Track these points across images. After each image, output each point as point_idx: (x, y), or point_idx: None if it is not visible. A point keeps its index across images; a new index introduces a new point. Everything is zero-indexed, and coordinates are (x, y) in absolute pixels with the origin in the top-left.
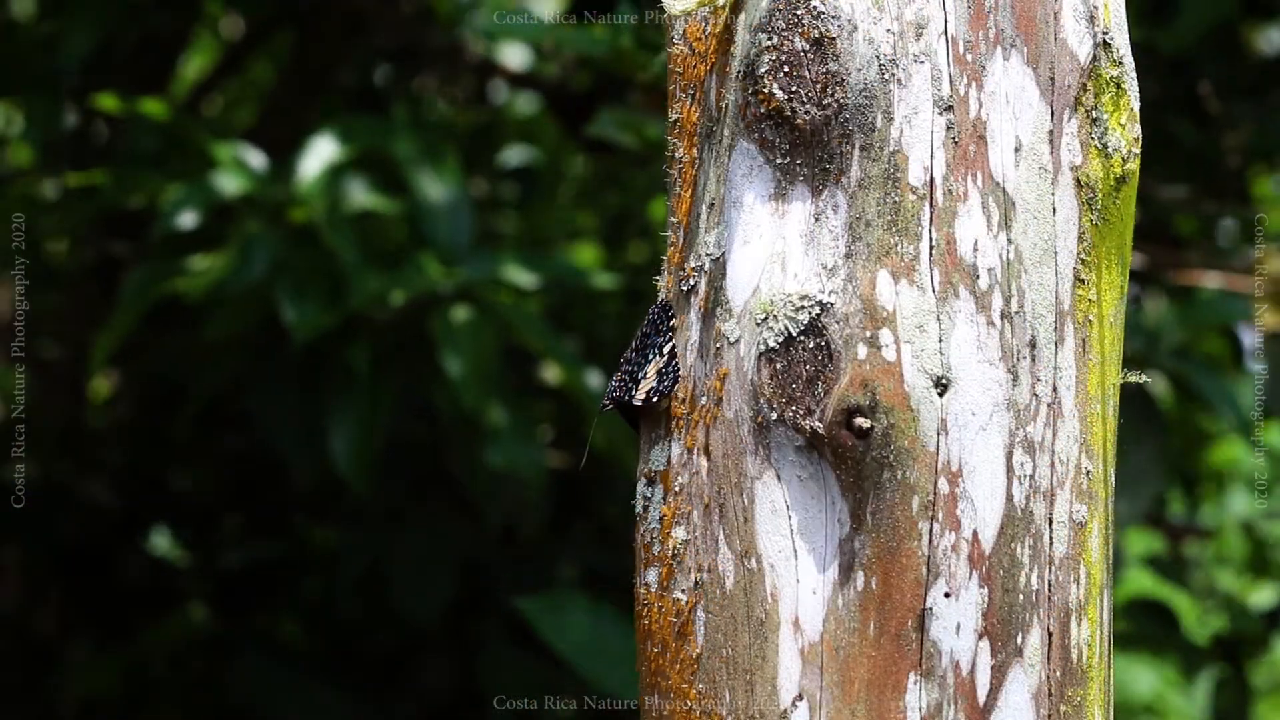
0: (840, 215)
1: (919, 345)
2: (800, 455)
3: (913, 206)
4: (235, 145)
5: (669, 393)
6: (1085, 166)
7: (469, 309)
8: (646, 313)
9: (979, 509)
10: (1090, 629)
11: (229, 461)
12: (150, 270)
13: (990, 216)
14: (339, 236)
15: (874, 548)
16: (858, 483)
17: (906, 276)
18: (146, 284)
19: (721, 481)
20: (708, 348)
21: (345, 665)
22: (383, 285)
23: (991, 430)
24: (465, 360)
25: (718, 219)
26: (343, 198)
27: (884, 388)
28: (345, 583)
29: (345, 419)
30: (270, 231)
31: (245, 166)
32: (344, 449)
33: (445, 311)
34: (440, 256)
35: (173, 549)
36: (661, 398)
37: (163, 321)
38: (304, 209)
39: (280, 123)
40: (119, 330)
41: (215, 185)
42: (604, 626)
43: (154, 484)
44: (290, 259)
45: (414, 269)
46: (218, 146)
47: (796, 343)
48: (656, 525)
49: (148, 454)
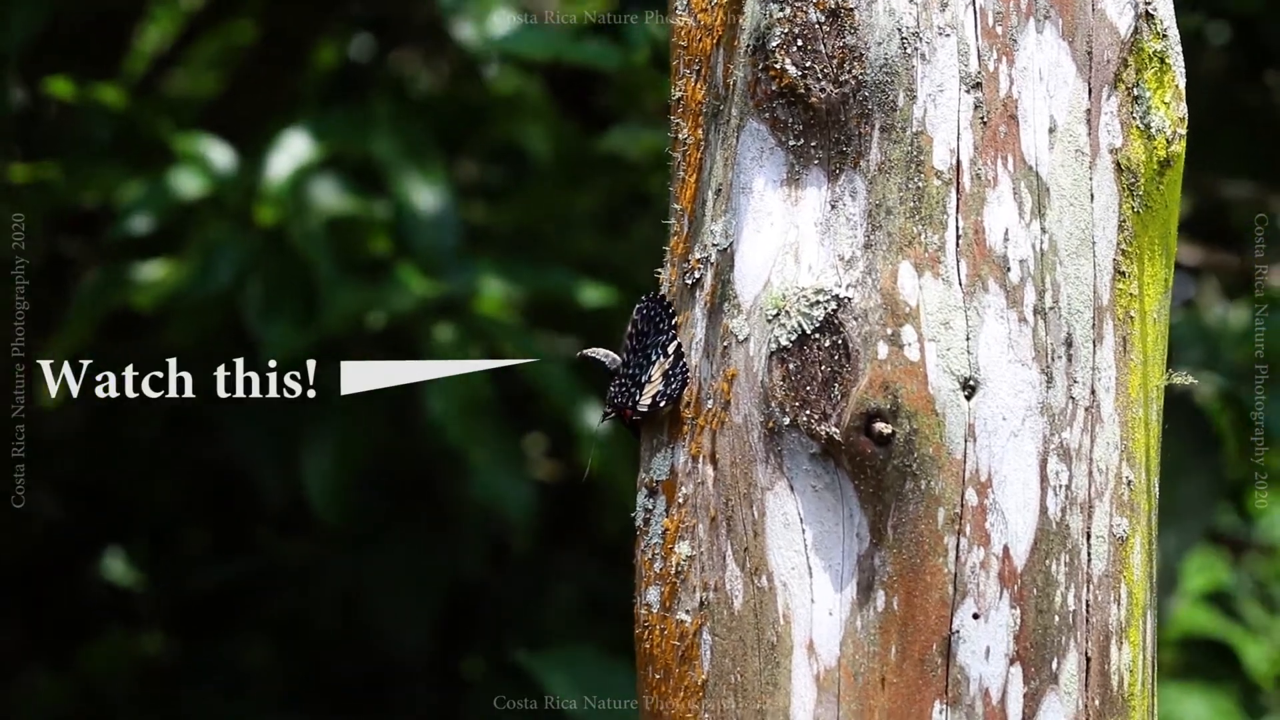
0: (859, 202)
1: (944, 343)
2: (815, 464)
3: (937, 192)
4: (197, 138)
5: (677, 396)
6: (1126, 149)
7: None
8: (635, 309)
9: (1010, 522)
10: (1132, 653)
11: (193, 472)
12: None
13: (1022, 203)
14: (312, 245)
15: (896, 565)
16: (878, 494)
17: (931, 269)
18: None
19: (729, 492)
20: (714, 347)
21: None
22: (360, 303)
23: (1024, 436)
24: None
25: (725, 206)
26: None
27: (906, 390)
28: (319, 605)
29: (320, 444)
30: (236, 236)
31: (208, 163)
32: (317, 476)
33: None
34: (423, 266)
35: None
36: (669, 402)
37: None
38: (273, 212)
39: (249, 98)
40: (72, 339)
41: (175, 185)
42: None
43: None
44: (258, 266)
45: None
46: (178, 139)
47: (811, 341)
48: (658, 540)
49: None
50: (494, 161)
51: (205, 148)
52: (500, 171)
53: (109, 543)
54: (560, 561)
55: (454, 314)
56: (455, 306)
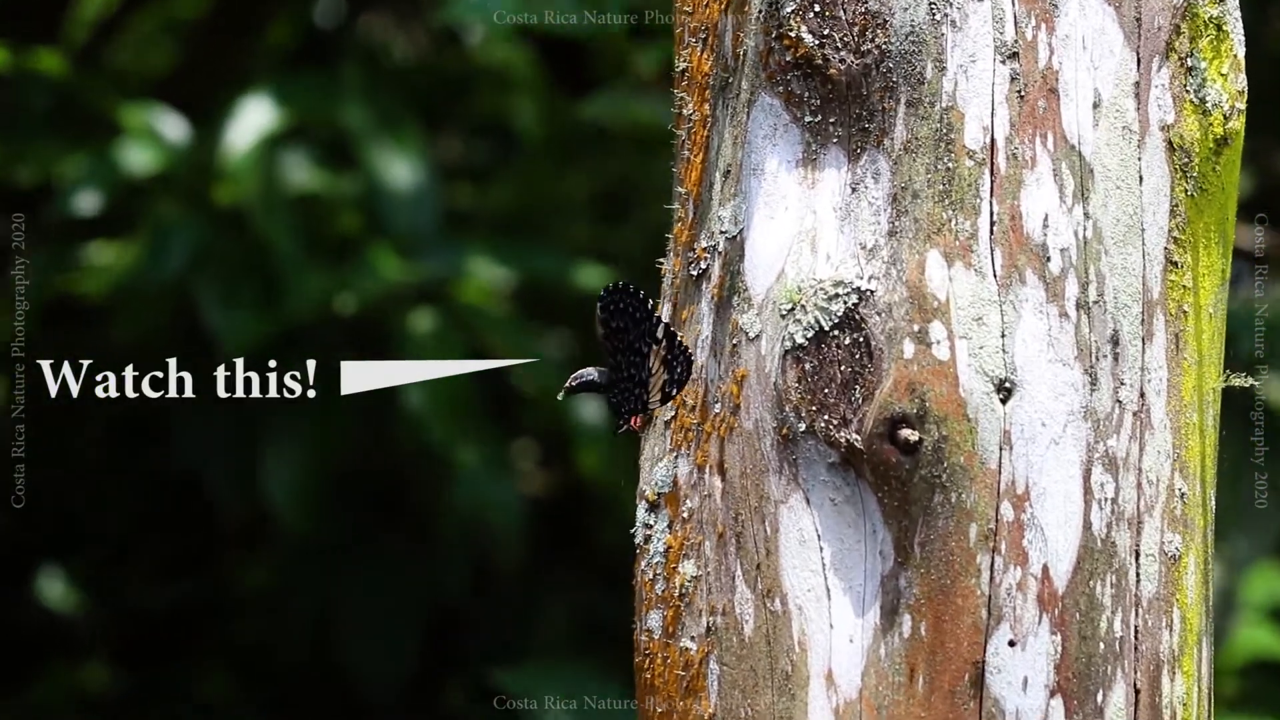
0: (882, 185)
1: (977, 341)
2: (834, 474)
3: (969, 174)
4: (147, 108)
5: (685, 380)
6: (1178, 125)
7: (433, 315)
8: (597, 307)
9: (1050, 539)
10: (1186, 684)
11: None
12: (45, 262)
13: (1063, 186)
14: (275, 224)
15: (923, 586)
16: (903, 507)
17: (962, 258)
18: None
19: (739, 506)
20: (722, 345)
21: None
22: (328, 286)
23: (1065, 444)
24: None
25: (734, 189)
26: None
27: (935, 392)
28: (285, 631)
29: (284, 446)
30: (190, 216)
31: (158, 136)
32: (281, 481)
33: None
34: (399, 248)
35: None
36: (679, 387)
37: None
38: (232, 189)
39: (204, 69)
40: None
41: (122, 160)
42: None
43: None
44: (215, 250)
45: (367, 267)
46: (125, 110)
47: (829, 338)
48: (660, 559)
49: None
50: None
51: (155, 119)
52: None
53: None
54: (552, 582)
55: (434, 300)
56: (435, 293)
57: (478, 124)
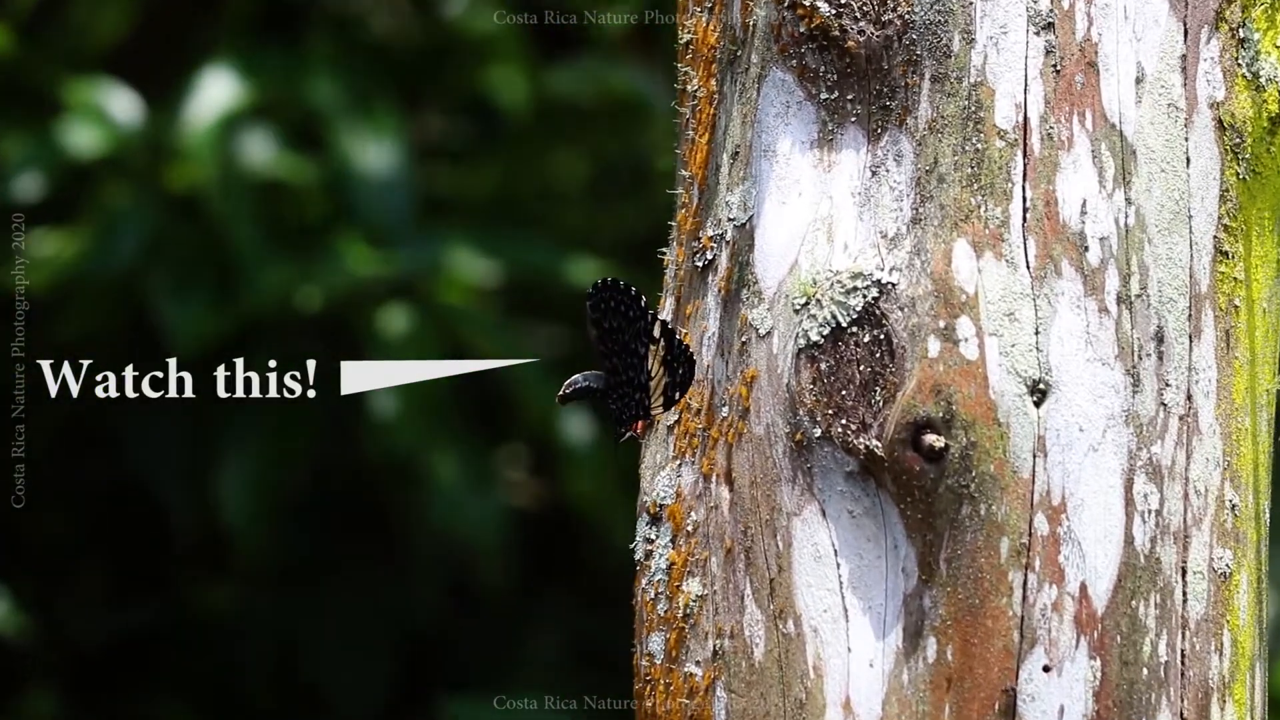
0: (905, 168)
1: (1009, 339)
2: (852, 484)
3: (1001, 156)
4: (94, 83)
5: (687, 383)
6: (1229, 103)
7: (408, 312)
8: (587, 305)
9: (1089, 555)
10: (1237, 713)
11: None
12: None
13: (1103, 169)
14: (234, 211)
15: (950, 606)
16: (928, 520)
17: (992, 248)
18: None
19: (748, 518)
20: (730, 343)
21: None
22: (291, 278)
23: (1105, 451)
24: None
25: (743, 173)
26: (240, 159)
27: (962, 394)
28: (246, 658)
29: (240, 457)
30: (141, 203)
31: (107, 114)
32: (236, 495)
33: (376, 316)
34: (370, 238)
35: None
36: (682, 391)
37: None
38: (187, 173)
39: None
40: None
41: (67, 141)
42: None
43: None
44: (168, 240)
45: (335, 258)
46: (72, 86)
47: (847, 335)
48: (663, 577)
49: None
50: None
51: (104, 96)
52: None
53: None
54: (541, 602)
55: (409, 297)
56: (410, 288)
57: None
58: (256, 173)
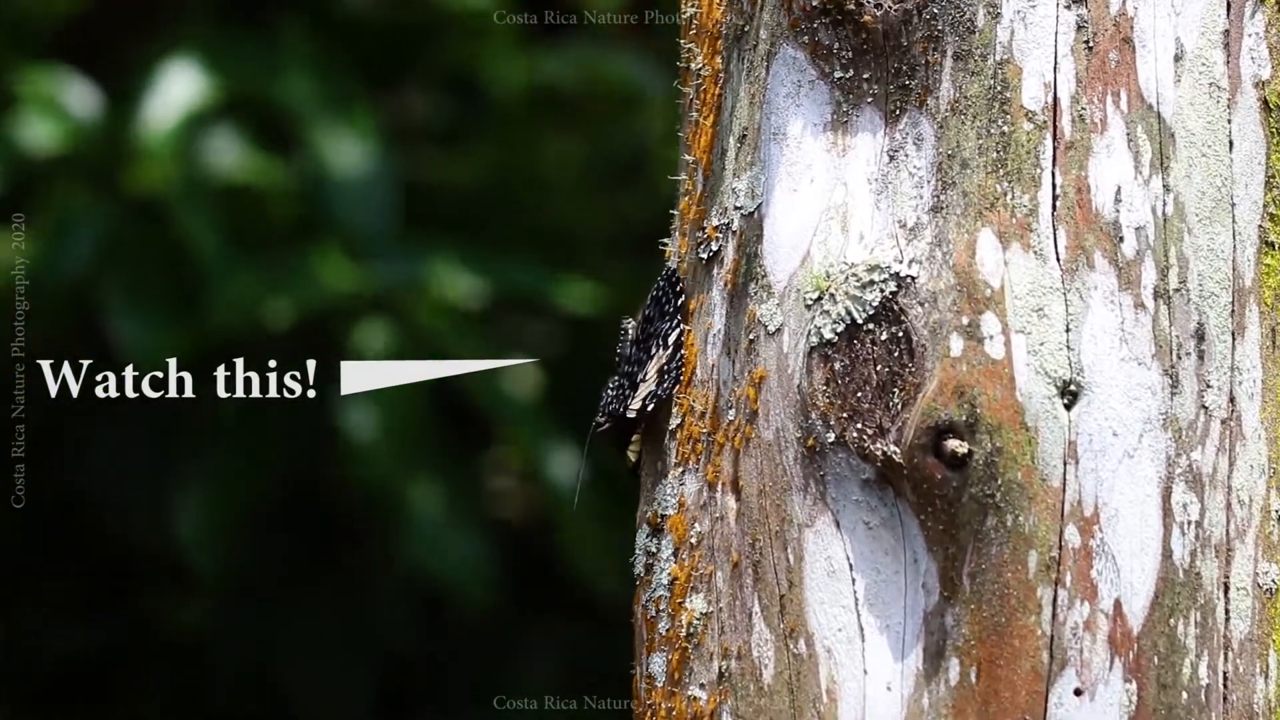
0: (925, 152)
1: (1037, 336)
2: (869, 493)
3: (1028, 139)
4: (49, 72)
5: (667, 396)
6: (1276, 81)
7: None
8: (652, 287)
9: (1123, 570)
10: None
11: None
12: None
13: (1139, 154)
14: (198, 216)
15: (974, 625)
16: (950, 532)
17: (1019, 239)
18: None
19: (757, 530)
20: (736, 340)
21: None
22: (259, 293)
23: (1141, 457)
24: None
25: (751, 157)
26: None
27: (987, 396)
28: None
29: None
30: (98, 204)
31: (63, 108)
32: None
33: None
34: (346, 248)
35: None
36: (657, 402)
37: None
38: (148, 173)
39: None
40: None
41: (19, 136)
42: None
43: None
44: (126, 246)
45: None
46: (24, 75)
47: (863, 333)
48: (664, 593)
49: None
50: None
51: (60, 87)
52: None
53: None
54: (531, 621)
55: (388, 313)
56: (389, 303)
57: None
58: (222, 175)
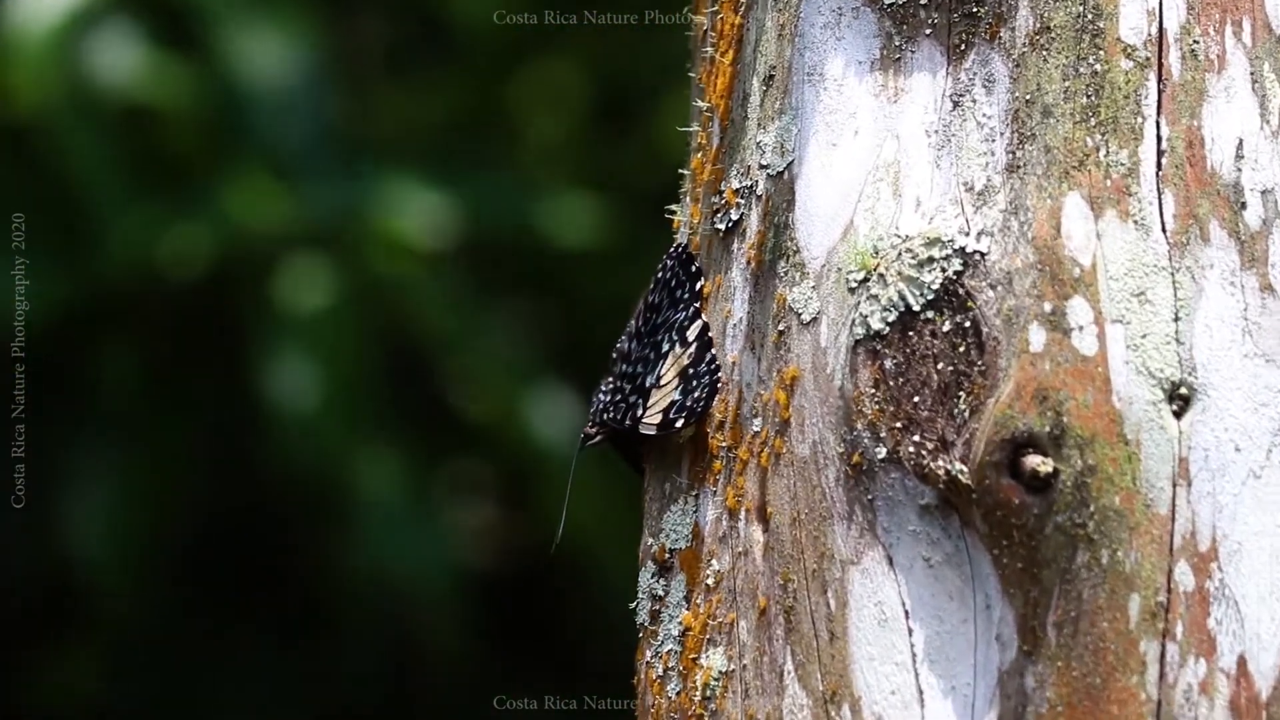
0: (997, 97)
1: (1138, 327)
2: (928, 522)
3: (1127, 81)
4: None
5: (703, 410)
6: None
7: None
8: (656, 268)
9: (1249, 619)
10: None
11: None
12: None
13: (1265, 98)
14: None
15: (1061, 687)
16: (1031, 571)
17: (1115, 205)
18: None
19: (789, 568)
20: (762, 332)
21: None
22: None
23: (1270, 477)
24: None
25: (780, 103)
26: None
27: (1077, 402)
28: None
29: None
30: None
31: None
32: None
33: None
34: (272, 175)
35: None
36: (690, 418)
37: None
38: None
39: None
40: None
41: None
42: None
43: None
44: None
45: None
46: None
47: (920, 323)
48: (674, 646)
49: None
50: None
51: None
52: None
53: None
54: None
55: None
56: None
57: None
58: (114, 87)
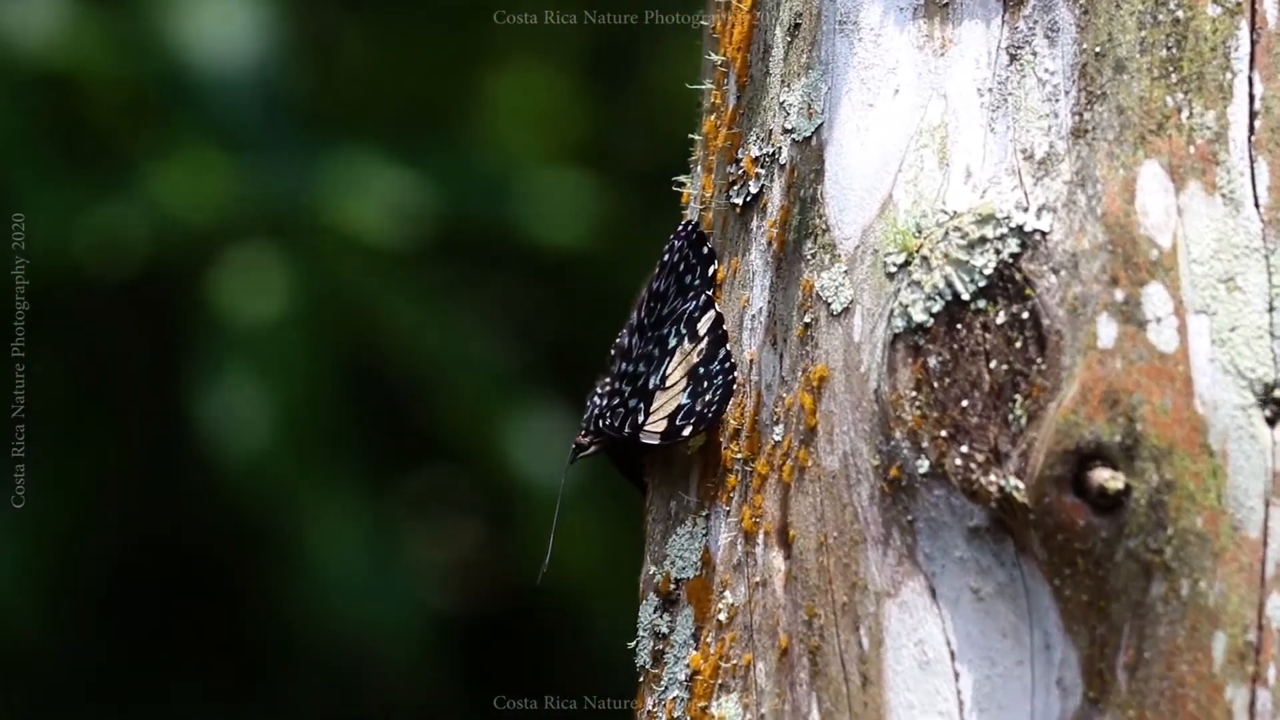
0: (1062, 49)
1: (1226, 319)
2: (978, 547)
3: (1214, 31)
4: None
5: (715, 416)
6: None
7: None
8: (663, 248)
9: None
10: None
11: None
12: None
13: None
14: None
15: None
16: (1098, 605)
17: (1200, 176)
18: None
19: (815, 601)
20: (786, 324)
21: None
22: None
23: None
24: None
25: (807, 58)
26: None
27: (1153, 406)
28: None
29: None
30: None
31: None
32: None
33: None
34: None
35: None
36: (699, 425)
37: None
38: None
39: None
40: None
41: None
42: None
43: None
44: None
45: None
46: None
47: (971, 314)
48: (680, 692)
49: None
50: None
51: None
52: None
53: None
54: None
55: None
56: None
57: None
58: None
